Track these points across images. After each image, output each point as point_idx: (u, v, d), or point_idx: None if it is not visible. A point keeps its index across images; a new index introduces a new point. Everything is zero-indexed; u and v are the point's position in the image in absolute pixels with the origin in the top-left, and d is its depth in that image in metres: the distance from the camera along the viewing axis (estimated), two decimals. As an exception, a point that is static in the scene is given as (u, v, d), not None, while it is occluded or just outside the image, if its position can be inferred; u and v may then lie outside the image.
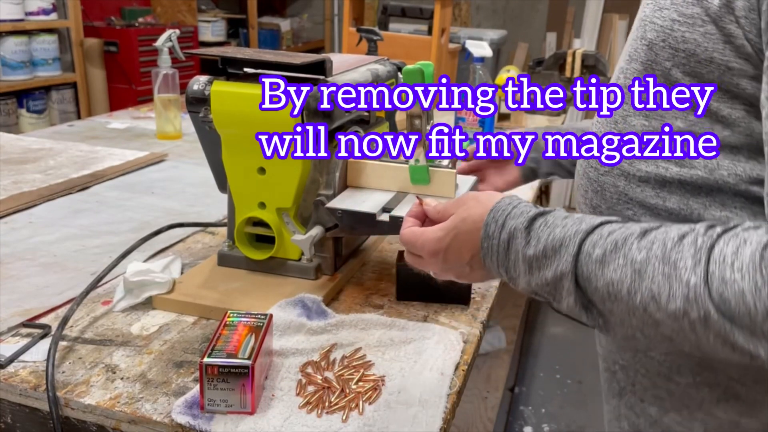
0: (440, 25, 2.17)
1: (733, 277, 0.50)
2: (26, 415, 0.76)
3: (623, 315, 0.57)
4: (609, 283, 0.56)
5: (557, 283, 0.60)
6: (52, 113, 3.37)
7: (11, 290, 0.97)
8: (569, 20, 4.32)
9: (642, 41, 0.66)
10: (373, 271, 1.07)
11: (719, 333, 0.51)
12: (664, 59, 0.64)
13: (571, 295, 0.59)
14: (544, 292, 0.62)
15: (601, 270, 0.57)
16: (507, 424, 2.30)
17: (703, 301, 0.51)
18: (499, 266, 0.64)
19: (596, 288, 0.57)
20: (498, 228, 0.64)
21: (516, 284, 0.64)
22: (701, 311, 0.51)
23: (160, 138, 1.88)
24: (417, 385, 0.77)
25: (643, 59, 0.66)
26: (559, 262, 0.59)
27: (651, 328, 0.56)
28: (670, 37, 0.62)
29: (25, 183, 1.43)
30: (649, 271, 0.54)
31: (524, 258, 0.61)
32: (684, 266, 0.52)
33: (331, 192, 0.95)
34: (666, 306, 0.53)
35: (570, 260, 0.58)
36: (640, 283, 0.54)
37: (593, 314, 0.59)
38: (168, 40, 1.82)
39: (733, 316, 0.50)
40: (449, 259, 0.68)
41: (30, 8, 3.15)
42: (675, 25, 0.62)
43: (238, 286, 0.96)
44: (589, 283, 0.58)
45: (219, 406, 0.70)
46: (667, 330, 0.55)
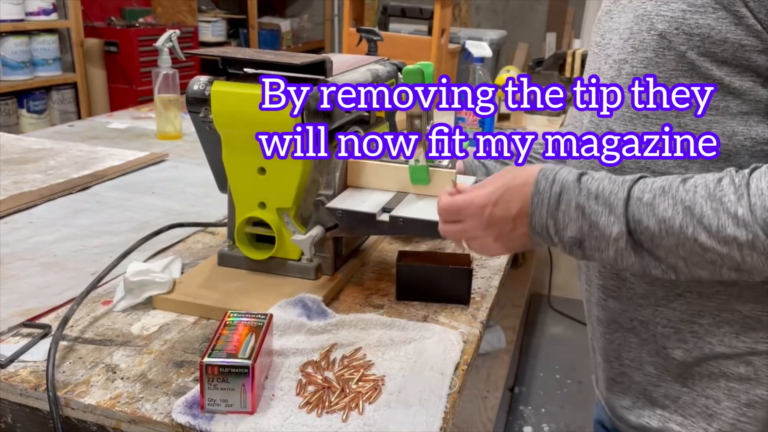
0: (440, 25, 2.17)
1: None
2: (26, 415, 0.76)
3: (672, 248, 0.66)
4: (661, 220, 0.66)
5: (606, 228, 0.67)
6: (53, 113, 3.37)
7: (11, 290, 0.97)
8: (569, 20, 4.32)
9: (651, 33, 0.72)
10: (373, 271, 1.07)
11: (764, 250, 0.62)
12: (678, 44, 0.70)
13: (622, 238, 0.67)
14: (592, 238, 0.69)
15: (652, 210, 0.66)
16: (507, 424, 2.30)
17: (751, 227, 0.62)
18: (548, 217, 0.70)
19: (647, 227, 0.66)
20: (549, 183, 0.71)
21: (562, 236, 0.70)
22: (749, 235, 0.62)
23: (160, 138, 1.88)
24: (417, 384, 0.77)
25: (655, 47, 0.72)
26: (610, 208, 0.67)
27: (698, 256, 0.65)
28: (683, 25, 0.69)
29: (26, 183, 1.43)
30: (698, 207, 0.64)
31: (577, 205, 0.69)
32: (729, 201, 0.63)
33: (331, 192, 0.95)
34: (717, 234, 0.63)
35: (621, 204, 0.67)
36: (691, 218, 0.64)
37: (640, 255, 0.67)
38: (168, 41, 1.82)
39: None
40: (496, 214, 0.72)
41: (30, 8, 3.15)
42: (686, 15, 0.69)
43: (239, 286, 0.97)
44: (640, 223, 0.66)
45: (219, 405, 0.70)
46: (713, 255, 0.64)
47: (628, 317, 0.84)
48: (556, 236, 0.70)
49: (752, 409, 0.79)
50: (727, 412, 0.80)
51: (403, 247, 1.15)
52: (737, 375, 0.78)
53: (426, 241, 1.18)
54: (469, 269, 0.96)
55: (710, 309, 0.78)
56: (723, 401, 0.80)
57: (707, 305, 0.78)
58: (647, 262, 0.68)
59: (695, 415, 0.82)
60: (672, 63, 0.71)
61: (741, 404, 0.79)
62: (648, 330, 0.83)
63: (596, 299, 0.88)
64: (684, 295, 0.78)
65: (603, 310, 0.87)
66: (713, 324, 0.78)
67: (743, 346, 0.77)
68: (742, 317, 0.77)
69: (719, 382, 0.79)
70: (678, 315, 0.80)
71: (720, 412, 0.80)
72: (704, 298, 0.77)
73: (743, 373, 0.78)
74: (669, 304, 0.80)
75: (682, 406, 0.83)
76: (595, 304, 0.89)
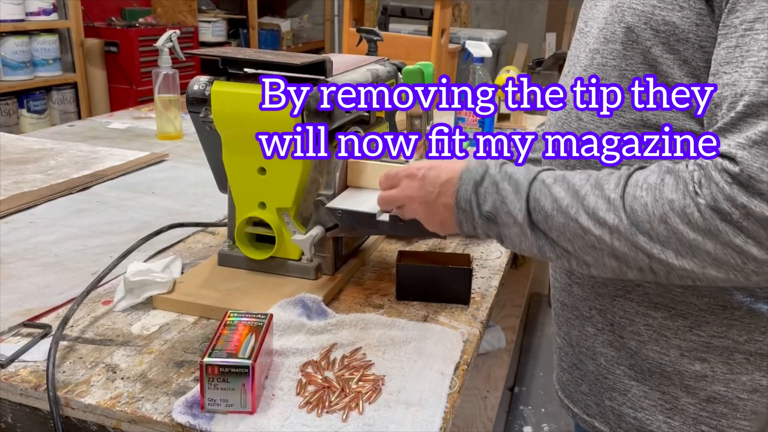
0: (440, 25, 2.18)
1: (640, 194, 0.66)
2: (27, 414, 0.76)
3: (561, 228, 0.70)
4: (553, 200, 0.70)
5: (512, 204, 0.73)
6: (53, 113, 3.37)
7: (12, 290, 0.97)
8: (569, 20, 4.32)
9: (620, 24, 0.74)
10: (373, 271, 1.07)
11: (628, 238, 0.66)
12: (645, 39, 0.72)
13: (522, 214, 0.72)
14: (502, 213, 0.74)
15: (549, 191, 0.71)
16: (507, 424, 2.30)
17: (617, 211, 0.66)
18: (472, 192, 0.75)
19: (542, 207, 0.71)
20: (478, 164, 0.77)
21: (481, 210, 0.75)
22: (615, 219, 0.66)
23: (160, 138, 1.88)
24: (417, 384, 0.77)
25: (623, 40, 0.74)
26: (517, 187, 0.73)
27: (580, 238, 0.69)
28: (651, 20, 0.71)
29: (26, 183, 1.43)
30: (583, 191, 0.69)
31: (493, 182, 0.74)
32: (608, 188, 0.68)
33: (331, 192, 0.96)
34: (593, 215, 0.68)
35: (526, 185, 0.73)
36: (576, 199, 0.69)
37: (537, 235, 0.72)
38: (168, 41, 1.82)
39: (638, 222, 0.65)
40: (427, 176, 0.79)
41: (30, 8, 3.15)
42: (656, 10, 0.70)
43: (239, 286, 0.97)
44: (537, 202, 0.72)
45: (219, 405, 0.70)
46: (592, 238, 0.68)
47: (587, 305, 0.86)
48: (477, 210, 0.75)
49: (712, 405, 0.79)
50: (688, 407, 0.80)
51: (403, 247, 1.16)
52: (692, 373, 0.79)
53: (426, 241, 1.18)
54: (469, 269, 0.97)
55: (666, 301, 0.78)
56: (682, 398, 0.80)
57: (664, 296, 0.78)
58: (542, 243, 0.72)
59: (648, 408, 0.83)
60: (639, 57, 0.72)
61: (701, 400, 0.80)
62: (605, 319, 0.84)
63: (561, 284, 0.90)
64: (642, 285, 0.79)
65: (568, 295, 0.89)
66: (668, 317, 0.79)
67: (698, 341, 0.78)
68: (697, 310, 0.77)
69: (673, 380, 0.80)
70: (634, 306, 0.81)
71: (681, 407, 0.81)
72: (662, 289, 0.78)
73: (699, 371, 0.79)
74: (627, 294, 0.81)
75: (632, 399, 0.83)
76: (559, 290, 0.91)
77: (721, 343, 0.78)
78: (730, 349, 0.78)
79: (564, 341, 0.92)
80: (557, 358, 0.97)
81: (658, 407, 0.82)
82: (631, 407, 0.84)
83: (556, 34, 4.38)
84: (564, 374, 0.94)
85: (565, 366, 0.93)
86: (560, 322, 0.93)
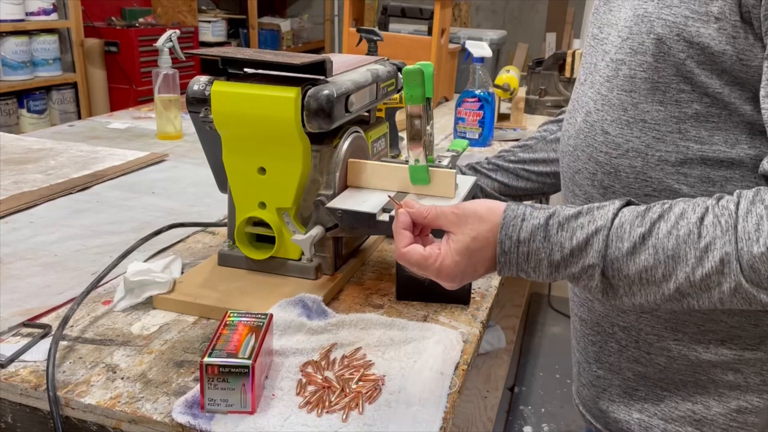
0: (440, 25, 2.18)
1: (760, 250, 0.58)
2: (27, 414, 0.76)
3: (652, 294, 0.64)
4: (642, 270, 0.63)
5: (582, 274, 0.65)
6: (53, 113, 3.37)
7: (12, 290, 0.97)
8: (569, 20, 4.33)
9: (650, 36, 0.70)
10: (373, 271, 1.07)
11: (746, 297, 0.60)
12: (678, 51, 0.68)
13: (593, 280, 0.65)
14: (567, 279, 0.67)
15: (632, 259, 0.63)
16: (507, 424, 2.30)
17: (736, 275, 0.60)
18: (518, 272, 0.68)
19: (626, 275, 0.64)
20: (514, 244, 0.67)
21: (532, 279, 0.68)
22: (733, 283, 0.60)
23: (160, 138, 1.88)
24: (417, 384, 0.77)
25: (654, 52, 0.70)
26: (585, 259, 0.65)
27: (676, 301, 0.63)
28: (684, 32, 0.67)
29: (26, 183, 1.43)
30: (682, 255, 0.61)
31: (550, 263, 0.66)
32: (714, 248, 0.60)
33: (331, 192, 0.96)
34: (700, 283, 0.61)
35: (597, 256, 0.64)
36: (674, 266, 0.62)
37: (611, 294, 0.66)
38: (168, 41, 1.82)
39: (760, 281, 0.59)
40: (465, 278, 0.70)
41: (30, 8, 3.16)
42: (689, 22, 0.67)
43: (239, 285, 0.97)
44: (619, 272, 0.64)
45: (219, 405, 0.70)
46: (693, 300, 0.62)
47: (609, 322, 0.84)
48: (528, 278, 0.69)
49: (743, 415, 0.78)
50: (718, 418, 0.79)
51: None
52: (726, 382, 0.78)
53: (426, 241, 1.17)
54: (469, 269, 0.96)
55: (695, 319, 0.77)
56: (713, 407, 0.79)
57: (693, 315, 0.77)
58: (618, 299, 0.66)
59: (678, 419, 0.81)
60: (671, 69, 0.69)
61: (731, 410, 0.79)
62: (630, 336, 0.82)
63: (581, 299, 0.88)
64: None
65: (588, 311, 0.87)
66: (698, 332, 0.77)
67: (730, 353, 0.77)
68: (728, 327, 0.76)
69: (708, 388, 0.79)
70: (662, 323, 0.79)
71: (711, 418, 0.80)
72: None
73: (732, 381, 0.78)
74: (654, 312, 0.79)
75: (663, 410, 0.82)
76: (578, 304, 0.89)
77: (754, 356, 0.77)
78: (762, 361, 0.77)
79: (582, 356, 0.91)
80: (576, 372, 0.95)
81: (687, 419, 0.81)
82: (662, 418, 0.83)
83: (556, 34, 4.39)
84: (584, 389, 0.92)
85: (585, 381, 0.91)
86: (578, 337, 0.91)
